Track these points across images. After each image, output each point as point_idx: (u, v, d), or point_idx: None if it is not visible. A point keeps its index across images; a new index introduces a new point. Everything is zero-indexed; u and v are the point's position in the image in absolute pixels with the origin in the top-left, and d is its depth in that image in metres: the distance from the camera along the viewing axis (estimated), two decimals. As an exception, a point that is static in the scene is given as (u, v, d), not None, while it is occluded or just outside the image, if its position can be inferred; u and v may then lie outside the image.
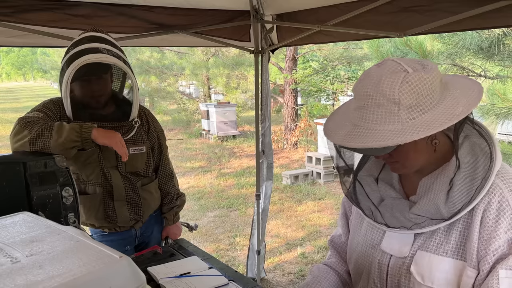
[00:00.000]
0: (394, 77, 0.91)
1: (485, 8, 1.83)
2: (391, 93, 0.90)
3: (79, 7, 2.27)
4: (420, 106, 0.91)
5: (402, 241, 1.07)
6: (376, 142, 0.89)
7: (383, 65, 0.95)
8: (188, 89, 17.48)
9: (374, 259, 1.13)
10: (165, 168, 2.23)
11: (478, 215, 0.96)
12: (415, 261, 1.03)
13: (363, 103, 0.94)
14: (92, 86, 1.87)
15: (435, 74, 0.93)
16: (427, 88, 0.91)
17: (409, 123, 0.90)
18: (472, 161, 0.99)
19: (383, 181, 1.14)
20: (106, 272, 0.75)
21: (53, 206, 1.59)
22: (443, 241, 1.01)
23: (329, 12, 2.48)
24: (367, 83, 0.94)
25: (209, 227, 5.24)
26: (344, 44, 10.66)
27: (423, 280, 1.01)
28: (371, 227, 1.16)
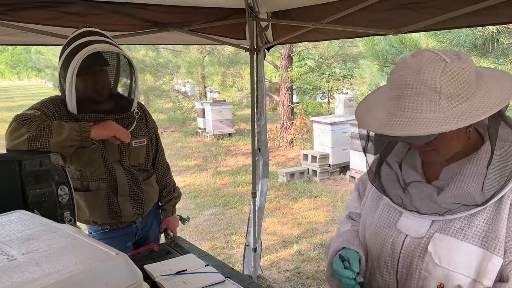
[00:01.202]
0: (434, 67, 0.93)
1: (479, 6, 1.84)
2: (432, 82, 0.92)
3: (73, 5, 2.26)
4: (459, 95, 0.94)
5: (420, 222, 1.08)
6: (420, 130, 0.91)
7: (419, 55, 0.97)
8: (183, 88, 17.44)
9: (388, 238, 1.14)
10: (162, 160, 2.27)
11: (506, 207, 0.99)
12: (433, 242, 1.05)
13: (401, 93, 0.96)
14: (99, 77, 1.89)
15: (471, 64, 0.96)
16: (465, 77, 0.94)
17: (450, 112, 0.93)
18: (503, 150, 1.01)
19: (407, 164, 1.16)
20: (102, 269, 0.75)
21: (48, 204, 1.59)
22: (464, 226, 1.03)
23: (324, 10, 2.48)
24: (406, 73, 0.95)
25: (205, 225, 5.24)
26: (340, 42, 10.67)
27: (440, 262, 1.03)
28: (388, 208, 1.17)
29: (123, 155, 1.99)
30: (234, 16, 2.86)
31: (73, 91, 1.79)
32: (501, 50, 4.03)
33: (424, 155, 1.09)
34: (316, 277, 3.82)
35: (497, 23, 2.74)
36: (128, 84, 2.04)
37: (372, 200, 1.25)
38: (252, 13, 2.81)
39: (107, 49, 1.82)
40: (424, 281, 1.06)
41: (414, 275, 1.08)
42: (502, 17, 1.89)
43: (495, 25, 3.51)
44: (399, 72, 0.97)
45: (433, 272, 1.04)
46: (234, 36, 3.05)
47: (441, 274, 1.03)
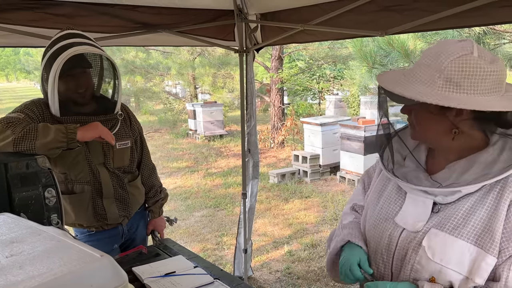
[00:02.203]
0: (455, 51, 0.98)
1: (463, 7, 1.86)
2: (442, 60, 0.98)
3: (60, 6, 2.25)
4: (459, 85, 0.98)
5: (417, 217, 1.11)
6: (405, 91, 0.99)
7: (460, 41, 1.02)
8: (174, 89, 17.38)
9: (385, 231, 1.16)
10: (148, 162, 2.27)
11: (503, 209, 1.01)
12: (428, 237, 1.07)
13: (421, 61, 1.03)
14: (81, 79, 1.88)
15: (497, 71, 0.98)
16: (477, 76, 0.97)
17: (439, 92, 0.98)
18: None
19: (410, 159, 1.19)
20: (87, 271, 0.75)
21: (35, 207, 1.58)
22: (460, 224, 1.04)
23: (312, 12, 2.50)
24: (437, 47, 1.02)
25: (196, 227, 5.23)
26: (329, 43, 10.73)
27: (433, 257, 1.05)
28: (388, 201, 1.20)
29: (107, 157, 1.99)
30: (223, 17, 2.87)
31: (55, 94, 1.79)
32: (487, 51, 4.09)
33: (411, 130, 1.15)
34: (306, 277, 3.83)
35: (480, 25, 2.78)
36: (111, 86, 2.03)
37: (374, 193, 1.27)
38: (241, 15, 2.81)
39: (89, 51, 1.82)
40: (416, 274, 1.08)
41: (406, 268, 1.10)
42: (485, 18, 1.92)
43: (479, 26, 3.55)
44: (435, 46, 1.04)
45: (425, 266, 1.06)
46: (223, 37, 3.05)
47: (433, 268, 1.05)
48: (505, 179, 1.03)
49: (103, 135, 1.78)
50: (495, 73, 0.98)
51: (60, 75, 1.76)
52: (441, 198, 1.08)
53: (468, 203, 1.05)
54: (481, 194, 1.05)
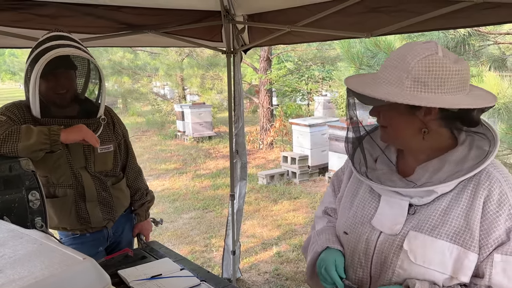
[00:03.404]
0: (421, 52, 0.99)
1: (448, 9, 1.89)
2: (409, 61, 0.99)
3: (44, 7, 2.22)
4: (426, 85, 0.99)
5: (394, 219, 1.10)
6: (374, 92, 1.00)
7: (427, 42, 1.04)
8: (162, 90, 17.29)
9: (362, 235, 1.15)
10: (133, 165, 2.25)
11: (479, 205, 1.02)
12: (408, 240, 1.06)
13: (388, 63, 1.05)
14: (62, 81, 1.86)
15: (461, 71, 1.00)
16: (443, 75, 0.99)
17: (406, 92, 1.00)
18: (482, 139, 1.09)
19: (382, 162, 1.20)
20: (69, 274, 0.74)
21: (19, 210, 1.56)
22: (438, 224, 1.05)
23: (299, 13, 2.51)
24: (403, 49, 1.03)
25: (184, 229, 5.21)
26: (318, 44, 10.78)
27: (415, 259, 1.05)
28: (363, 204, 1.19)
29: (88, 161, 1.97)
30: (210, 18, 2.86)
31: (36, 95, 1.77)
32: (472, 52, 4.15)
33: (381, 132, 1.15)
34: (295, 278, 3.84)
35: (465, 26, 2.82)
36: (94, 89, 2.01)
37: (347, 197, 1.26)
38: (228, 16, 2.81)
39: (72, 53, 1.80)
40: (397, 278, 1.07)
41: (388, 272, 1.09)
42: (469, 20, 1.95)
43: (463, 28, 3.60)
44: (400, 47, 1.06)
45: (408, 269, 1.05)
46: (210, 38, 3.04)
47: (417, 271, 1.04)
48: (478, 176, 1.05)
49: (87, 138, 1.76)
50: (460, 72, 1.00)
51: (41, 75, 1.74)
52: (417, 200, 1.08)
53: (444, 203, 1.06)
54: (456, 193, 1.06)
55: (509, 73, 3.96)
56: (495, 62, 4.20)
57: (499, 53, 4.25)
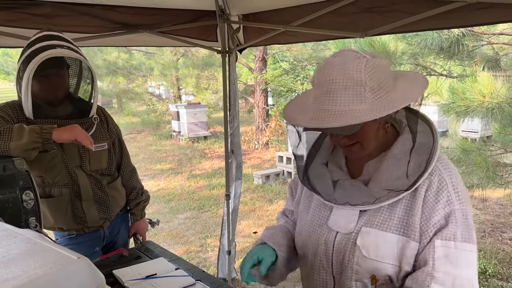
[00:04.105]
0: (358, 62, 1.00)
1: (442, 9, 1.90)
2: (358, 75, 0.99)
3: (39, 6, 2.21)
4: (382, 88, 1.01)
5: (348, 218, 1.13)
6: (352, 120, 0.98)
7: (341, 54, 1.05)
8: (157, 90, 17.25)
9: (321, 237, 1.18)
10: (128, 164, 2.25)
11: (421, 195, 1.06)
12: (360, 236, 1.10)
13: (328, 88, 1.01)
14: (54, 81, 1.86)
15: (386, 63, 1.06)
16: (384, 72, 1.03)
17: (375, 103, 1.00)
18: (420, 140, 1.10)
19: (333, 164, 1.22)
20: (63, 274, 0.74)
21: (13, 210, 1.55)
22: (387, 218, 1.08)
23: (293, 13, 2.51)
24: (331, 70, 1.01)
25: (180, 229, 5.20)
26: (313, 44, 10.79)
27: (368, 254, 1.08)
28: (319, 207, 1.22)
29: (84, 160, 1.96)
30: (205, 18, 2.86)
31: (29, 96, 1.76)
32: (466, 53, 4.17)
33: (349, 151, 1.14)
34: (290, 277, 3.84)
35: (458, 26, 2.84)
36: (86, 89, 2.01)
37: (305, 200, 1.29)
38: (223, 15, 2.81)
39: (64, 55, 1.79)
40: (357, 275, 1.10)
41: (347, 270, 1.12)
42: (462, 20, 1.97)
43: (457, 28, 3.63)
44: (324, 70, 1.03)
45: (363, 265, 1.09)
46: (205, 38, 3.04)
47: (371, 266, 1.08)
48: None
49: (79, 138, 1.74)
50: (386, 64, 1.05)
51: (33, 77, 1.74)
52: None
53: None
54: None
55: (502, 73, 3.99)
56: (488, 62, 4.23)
57: (492, 53, 4.28)
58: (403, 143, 1.10)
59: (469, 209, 1.06)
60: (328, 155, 1.25)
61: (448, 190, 1.05)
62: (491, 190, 4.23)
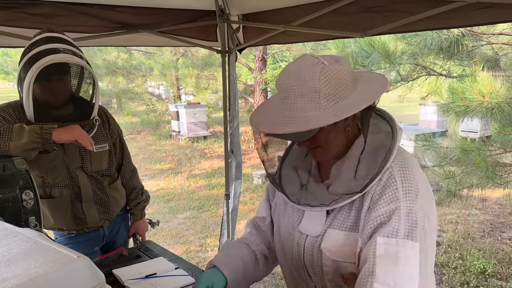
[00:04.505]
0: (314, 69, 1.01)
1: (441, 9, 1.90)
2: (312, 83, 1.00)
3: (38, 6, 2.21)
4: (336, 94, 1.01)
5: (315, 222, 1.15)
6: (301, 127, 0.98)
7: (302, 60, 1.05)
8: (157, 90, 17.25)
9: (294, 240, 1.21)
10: (128, 164, 2.25)
11: (371, 192, 1.06)
12: (325, 239, 1.12)
13: (286, 94, 1.03)
14: (56, 86, 1.85)
15: (347, 67, 1.05)
16: (341, 78, 1.02)
17: (328, 109, 1.00)
18: (376, 139, 1.10)
19: (302, 169, 1.24)
20: (63, 273, 0.74)
21: (12, 210, 1.55)
22: (345, 218, 1.11)
23: (293, 13, 2.51)
24: (289, 76, 1.03)
25: (179, 229, 5.20)
26: (312, 44, 10.80)
27: (331, 255, 1.10)
28: (293, 211, 1.23)
29: (85, 161, 1.96)
30: (205, 18, 2.86)
31: (30, 99, 1.76)
32: (466, 53, 4.17)
33: (314, 153, 1.16)
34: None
35: (458, 26, 2.84)
36: (87, 92, 2.00)
37: (281, 204, 1.30)
38: (223, 15, 2.81)
39: (66, 61, 1.78)
40: (328, 276, 1.13)
41: (319, 271, 1.15)
42: (462, 20, 1.96)
43: (457, 28, 3.63)
44: (283, 76, 1.05)
45: (331, 266, 1.11)
46: (205, 38, 3.04)
47: (336, 266, 1.10)
48: None
49: (79, 139, 1.74)
50: (347, 68, 1.04)
51: (35, 81, 1.74)
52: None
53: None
54: None
55: (502, 73, 3.99)
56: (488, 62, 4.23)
57: (492, 53, 4.28)
58: (358, 146, 1.11)
59: (418, 206, 1.01)
60: (298, 159, 1.26)
61: (395, 187, 1.03)
62: (490, 190, 4.24)
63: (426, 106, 10.41)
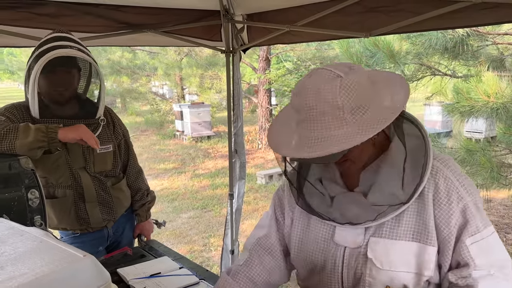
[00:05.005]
0: (332, 84, 0.95)
1: (447, 9, 1.89)
2: (333, 99, 0.94)
3: (44, 6, 2.21)
4: (360, 106, 0.96)
5: (355, 232, 1.10)
6: (333, 148, 0.93)
7: (315, 75, 0.99)
8: (161, 90, 17.29)
9: (327, 253, 1.15)
10: (134, 165, 2.24)
11: (429, 199, 1.04)
12: (370, 248, 1.07)
13: (307, 115, 0.97)
14: (61, 79, 1.87)
15: (363, 73, 1.00)
16: (361, 88, 0.97)
17: (356, 124, 0.95)
18: (411, 145, 1.06)
19: (327, 179, 1.17)
20: (69, 271, 0.75)
21: (18, 208, 1.57)
22: (394, 226, 1.06)
23: (298, 13, 2.50)
24: (306, 95, 0.97)
25: (183, 229, 5.21)
26: (317, 44, 10.79)
27: (382, 265, 1.06)
28: (320, 223, 1.17)
29: (88, 161, 1.97)
30: (209, 18, 2.86)
31: (35, 94, 1.78)
32: (471, 53, 4.16)
33: (341, 166, 1.11)
34: (293, 277, 3.84)
35: (463, 26, 2.83)
36: (92, 89, 2.01)
37: (302, 218, 1.23)
38: (228, 15, 2.81)
39: (71, 54, 1.80)
40: (370, 287, 1.09)
41: (360, 284, 1.10)
42: (467, 20, 1.96)
43: (462, 28, 3.61)
44: (300, 96, 0.98)
45: (377, 277, 1.07)
46: (210, 38, 3.04)
47: (385, 277, 1.06)
48: None
49: (85, 138, 1.75)
50: (363, 75, 0.99)
51: (40, 74, 1.75)
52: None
53: None
54: None
55: (507, 73, 3.98)
56: (493, 62, 4.22)
57: (497, 53, 4.26)
58: (395, 152, 1.06)
59: (477, 195, 1.06)
60: (321, 171, 1.19)
61: (456, 187, 1.04)
62: (495, 190, 4.22)
63: (431, 106, 10.38)
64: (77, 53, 1.82)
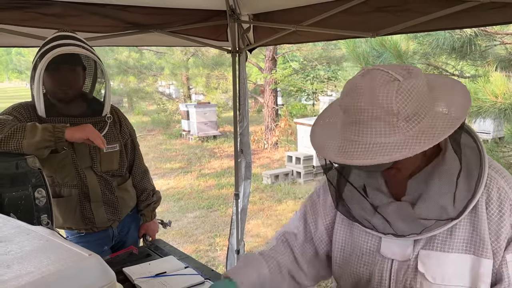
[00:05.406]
0: (388, 88, 0.88)
1: (454, 9, 1.88)
2: (389, 104, 0.87)
3: (51, 6, 2.23)
4: (416, 114, 0.89)
5: (403, 244, 1.04)
6: (384, 157, 0.87)
7: (369, 75, 0.92)
8: (167, 90, 17.34)
9: (373, 266, 1.10)
10: (140, 165, 2.25)
11: (482, 209, 0.99)
12: (421, 262, 1.02)
13: (356, 118, 0.90)
14: (64, 76, 1.88)
15: (423, 78, 0.92)
16: (419, 94, 0.90)
17: (410, 133, 0.88)
18: (465, 159, 0.98)
19: (371, 186, 1.10)
20: (74, 270, 0.75)
21: (25, 207, 1.57)
22: (446, 238, 1.01)
23: (304, 13, 2.50)
24: (359, 97, 0.90)
25: (189, 228, 5.22)
26: (323, 44, 10.77)
27: (434, 280, 1.01)
28: (364, 234, 1.12)
29: (94, 161, 1.97)
30: (216, 18, 2.87)
31: (40, 92, 1.79)
32: (478, 53, 4.12)
33: (387, 175, 1.04)
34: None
35: (471, 26, 2.81)
36: (98, 88, 2.02)
37: (342, 228, 1.18)
38: (234, 15, 2.81)
39: (74, 52, 1.82)
40: None
41: None
42: (475, 20, 1.94)
43: (469, 28, 3.59)
44: (351, 96, 0.91)
45: None
46: (216, 37, 3.05)
47: None
48: None
49: (91, 137, 1.75)
50: (422, 80, 0.91)
51: (44, 72, 1.77)
52: None
53: None
54: None
55: (515, 73, 3.94)
56: (501, 62, 4.18)
57: (505, 53, 4.22)
58: (449, 165, 0.98)
59: None
60: (364, 177, 1.11)
61: (510, 198, 0.99)
62: (503, 191, 4.18)
63: (438, 106, 10.30)
64: (81, 50, 1.83)
